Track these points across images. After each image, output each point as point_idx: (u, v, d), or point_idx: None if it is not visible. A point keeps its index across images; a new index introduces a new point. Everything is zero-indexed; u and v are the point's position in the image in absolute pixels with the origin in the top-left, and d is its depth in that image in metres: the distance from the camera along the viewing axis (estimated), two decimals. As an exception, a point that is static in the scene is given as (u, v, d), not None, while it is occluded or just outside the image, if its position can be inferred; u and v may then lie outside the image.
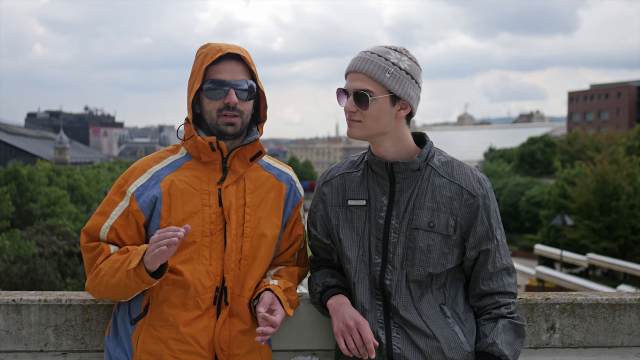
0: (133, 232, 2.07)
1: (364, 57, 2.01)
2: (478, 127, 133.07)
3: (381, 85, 1.98)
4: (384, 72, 1.97)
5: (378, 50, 2.01)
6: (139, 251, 1.95)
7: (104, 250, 2.06)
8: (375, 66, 1.98)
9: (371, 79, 1.98)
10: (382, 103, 1.99)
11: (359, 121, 2.02)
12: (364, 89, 1.98)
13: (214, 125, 2.09)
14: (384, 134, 2.04)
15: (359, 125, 2.02)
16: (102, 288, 2.04)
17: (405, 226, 2.03)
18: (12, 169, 31.54)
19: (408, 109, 2.03)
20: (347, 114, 2.04)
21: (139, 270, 1.92)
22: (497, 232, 2.07)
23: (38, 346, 2.38)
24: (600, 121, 76.43)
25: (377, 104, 1.98)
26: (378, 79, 1.97)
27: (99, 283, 2.04)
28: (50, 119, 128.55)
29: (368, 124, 2.01)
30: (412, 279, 2.02)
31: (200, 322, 2.04)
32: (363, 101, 1.98)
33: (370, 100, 1.97)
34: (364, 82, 1.98)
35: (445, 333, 2.02)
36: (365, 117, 2.00)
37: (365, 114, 2.00)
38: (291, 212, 2.24)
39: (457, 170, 2.07)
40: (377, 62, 1.98)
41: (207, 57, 2.05)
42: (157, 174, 2.10)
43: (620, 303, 2.51)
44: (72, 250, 26.57)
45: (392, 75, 1.98)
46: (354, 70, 2.01)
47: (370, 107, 1.98)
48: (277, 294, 2.08)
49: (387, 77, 1.97)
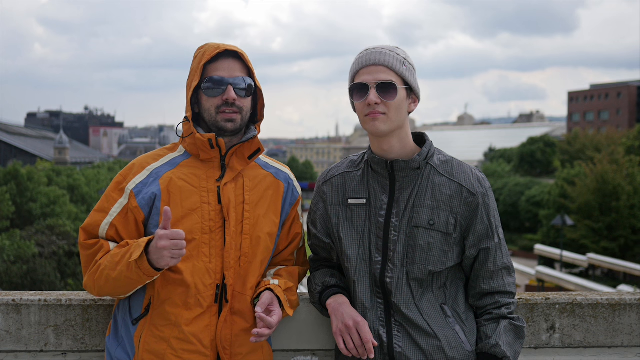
0: (132, 229, 2.07)
1: (380, 51, 2.03)
2: (478, 127, 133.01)
3: (400, 77, 2.02)
4: (402, 64, 2.02)
5: (387, 47, 2.05)
6: (139, 243, 1.93)
7: (103, 246, 2.05)
8: (394, 58, 2.02)
9: (392, 70, 2.01)
10: (402, 95, 2.03)
11: (383, 114, 2.01)
12: (389, 80, 1.99)
13: (213, 123, 2.09)
14: (401, 128, 2.06)
15: (384, 118, 2.01)
16: (102, 283, 2.02)
17: (406, 224, 2.04)
18: (12, 168, 31.56)
19: (417, 103, 2.08)
20: (367, 109, 2.02)
21: (141, 262, 1.91)
22: (497, 230, 2.08)
23: (38, 346, 2.38)
24: (600, 121, 76.40)
25: (400, 95, 2.01)
26: (398, 70, 2.01)
27: (99, 278, 2.02)
28: (50, 119, 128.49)
29: (392, 116, 2.02)
30: (413, 277, 2.03)
31: (202, 320, 2.04)
32: (390, 92, 2.00)
33: (397, 90, 2.00)
34: (386, 74, 2.00)
35: (446, 332, 2.02)
36: (390, 109, 2.01)
37: (390, 105, 2.00)
38: (289, 210, 2.24)
39: (457, 169, 2.08)
40: (394, 55, 2.02)
41: (205, 55, 2.07)
42: (156, 171, 2.10)
43: (620, 303, 2.51)
44: (72, 250, 26.57)
45: (407, 68, 2.03)
46: (374, 63, 2.02)
47: (397, 97, 2.00)
48: (277, 294, 2.08)
49: (404, 68, 2.02)
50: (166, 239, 1.85)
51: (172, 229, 1.95)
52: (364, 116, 2.04)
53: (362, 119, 2.06)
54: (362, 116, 2.05)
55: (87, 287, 2.10)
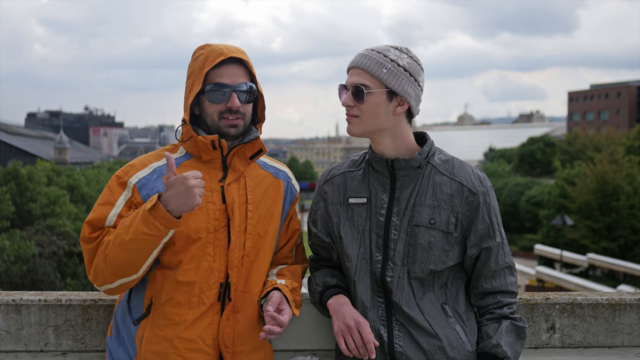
0: None
1: (364, 53, 2.05)
2: (478, 127, 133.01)
3: (378, 80, 2.01)
4: (381, 67, 2.01)
5: (378, 48, 2.05)
6: (150, 199, 1.89)
7: (110, 231, 1.99)
8: (373, 61, 2.01)
9: (368, 73, 2.01)
10: (379, 98, 2.01)
11: (357, 116, 2.04)
12: (361, 83, 2.01)
13: (215, 128, 2.09)
14: (383, 130, 2.05)
15: (357, 120, 2.05)
16: (115, 252, 1.91)
17: (406, 223, 2.04)
18: (11, 168, 31.56)
19: (405, 106, 2.04)
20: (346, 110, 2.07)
21: (157, 210, 1.85)
22: (499, 230, 2.08)
23: (38, 346, 2.38)
24: (600, 121, 76.40)
25: (373, 98, 2.01)
26: (375, 73, 2.00)
27: (112, 249, 1.91)
28: (50, 119, 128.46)
29: (365, 119, 2.03)
30: (414, 276, 2.03)
31: (205, 319, 2.04)
32: (359, 95, 2.02)
33: (365, 94, 2.00)
34: (360, 77, 2.02)
35: (447, 332, 2.02)
36: (362, 112, 2.03)
37: (362, 109, 2.02)
38: (288, 208, 2.26)
39: (458, 168, 2.09)
40: (375, 58, 2.02)
41: (208, 60, 2.05)
42: (159, 169, 2.10)
43: (620, 303, 2.51)
44: (72, 250, 26.60)
45: (389, 71, 2.01)
46: (353, 66, 2.05)
47: (367, 101, 2.01)
48: (285, 294, 2.10)
49: (384, 72, 2.01)
50: (192, 177, 1.85)
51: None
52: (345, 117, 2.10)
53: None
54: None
55: (95, 274, 1.98)
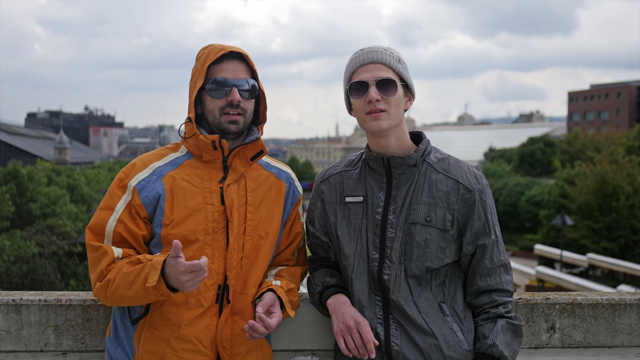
0: (140, 224, 2.05)
1: (376, 50, 2.06)
2: (478, 127, 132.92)
3: (397, 74, 2.05)
4: (398, 62, 2.05)
5: (381, 46, 2.08)
6: (154, 265, 1.89)
7: (107, 253, 2.01)
8: (390, 56, 2.05)
9: (390, 67, 2.04)
10: (401, 91, 2.06)
11: (384, 110, 2.02)
12: (388, 77, 2.02)
13: (216, 124, 2.09)
14: (399, 126, 2.07)
15: (385, 115, 2.03)
16: (116, 299, 1.99)
17: (403, 221, 2.04)
18: (11, 168, 31.51)
19: (412, 100, 2.10)
20: (367, 107, 2.02)
21: (160, 286, 1.88)
22: (494, 227, 2.09)
23: (38, 346, 2.38)
24: (600, 121, 76.39)
25: (399, 91, 2.04)
26: (395, 68, 2.04)
27: (113, 294, 1.99)
28: (50, 119, 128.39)
29: (393, 113, 2.04)
30: (411, 273, 2.03)
31: (203, 320, 2.04)
32: (389, 88, 2.02)
33: (397, 86, 2.02)
34: (385, 71, 2.03)
35: (444, 331, 2.03)
36: (390, 105, 2.03)
37: (390, 102, 2.02)
38: (290, 210, 2.25)
39: (454, 166, 2.09)
40: (390, 53, 2.06)
41: (209, 56, 2.06)
42: (159, 169, 2.10)
43: (620, 303, 2.51)
44: (72, 250, 26.56)
45: (403, 66, 2.06)
46: (372, 61, 2.04)
47: (397, 93, 2.03)
48: (279, 295, 2.09)
49: (400, 66, 2.05)
50: (187, 273, 1.82)
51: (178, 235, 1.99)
52: (364, 114, 2.04)
53: (362, 117, 2.06)
54: (362, 114, 2.05)
55: (98, 296, 2.07)
